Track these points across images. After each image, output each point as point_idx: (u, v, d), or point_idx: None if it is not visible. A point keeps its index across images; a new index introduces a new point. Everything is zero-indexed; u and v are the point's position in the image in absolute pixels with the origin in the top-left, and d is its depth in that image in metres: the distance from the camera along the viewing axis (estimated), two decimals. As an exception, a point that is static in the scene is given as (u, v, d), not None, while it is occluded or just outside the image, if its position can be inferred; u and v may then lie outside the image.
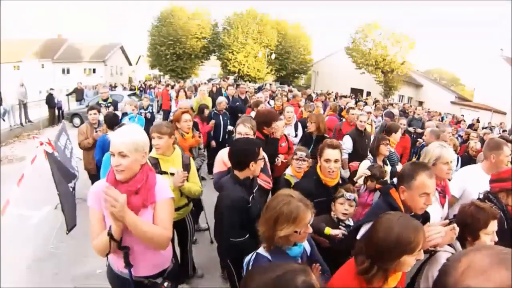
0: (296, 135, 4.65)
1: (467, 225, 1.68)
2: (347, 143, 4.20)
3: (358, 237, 1.84)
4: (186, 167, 2.60)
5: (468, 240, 1.69)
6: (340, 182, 2.40)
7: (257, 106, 5.00)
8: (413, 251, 1.22)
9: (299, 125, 4.77)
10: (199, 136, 3.88)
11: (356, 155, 4.06)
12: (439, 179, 2.36)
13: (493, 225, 1.65)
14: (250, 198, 1.98)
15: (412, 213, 1.76)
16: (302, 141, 4.18)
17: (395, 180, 2.01)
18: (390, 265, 1.24)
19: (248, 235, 1.84)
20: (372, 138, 4.26)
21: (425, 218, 1.84)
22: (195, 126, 4.32)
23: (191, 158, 2.79)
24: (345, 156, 4.12)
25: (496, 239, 1.67)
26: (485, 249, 0.70)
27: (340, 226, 2.18)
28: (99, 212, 1.55)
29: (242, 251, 1.76)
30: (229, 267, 2.05)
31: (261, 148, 2.08)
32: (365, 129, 4.43)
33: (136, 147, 1.52)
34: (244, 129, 2.71)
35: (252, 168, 2.00)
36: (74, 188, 3.95)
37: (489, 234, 1.65)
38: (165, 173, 2.44)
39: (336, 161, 2.26)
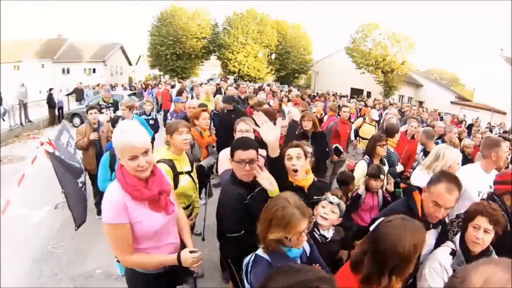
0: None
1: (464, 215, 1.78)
2: None
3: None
4: (193, 164, 2.63)
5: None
6: (316, 180, 2.30)
7: (261, 106, 5.00)
8: (422, 248, 1.26)
9: None
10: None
11: None
12: None
13: (480, 221, 1.65)
14: (248, 196, 1.97)
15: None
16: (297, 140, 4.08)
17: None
18: (410, 268, 1.25)
19: (243, 232, 1.83)
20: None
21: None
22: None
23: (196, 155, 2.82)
24: None
25: (481, 236, 1.64)
26: (493, 262, 0.76)
27: (314, 233, 2.03)
28: (128, 224, 1.46)
29: (237, 248, 1.76)
30: (230, 267, 2.04)
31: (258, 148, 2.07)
32: None
33: (149, 139, 1.52)
34: (245, 126, 2.69)
35: None
36: (84, 183, 3.92)
37: (476, 228, 1.66)
38: (181, 173, 2.42)
39: (298, 157, 2.18)
